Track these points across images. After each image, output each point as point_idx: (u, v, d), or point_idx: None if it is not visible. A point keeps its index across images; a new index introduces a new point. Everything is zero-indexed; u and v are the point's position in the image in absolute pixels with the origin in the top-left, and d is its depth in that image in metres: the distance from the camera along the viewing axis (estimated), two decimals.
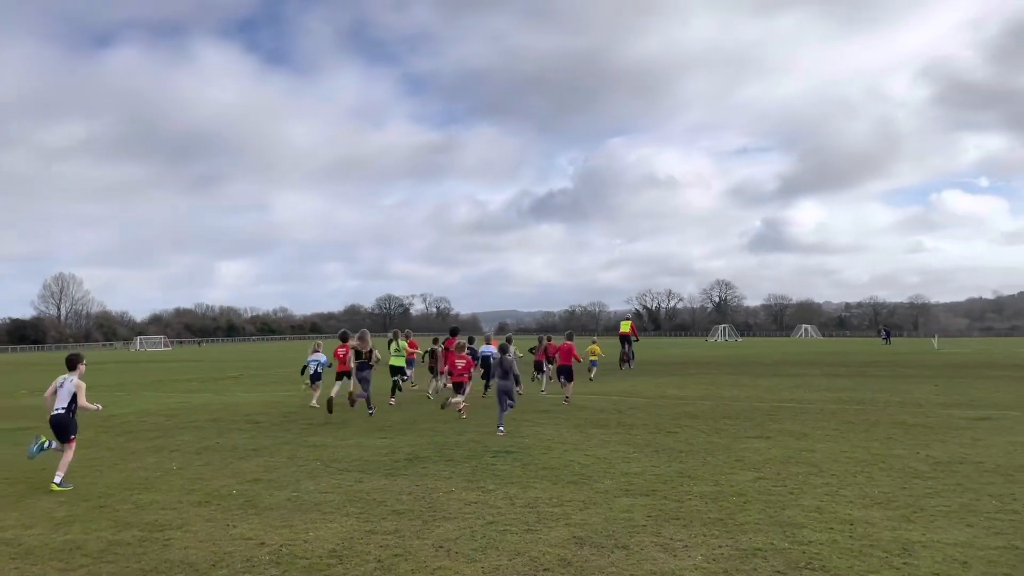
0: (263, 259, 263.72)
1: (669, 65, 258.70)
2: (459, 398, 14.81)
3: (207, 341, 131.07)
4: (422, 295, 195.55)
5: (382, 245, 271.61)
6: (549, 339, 20.77)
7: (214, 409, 17.30)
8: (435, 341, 20.31)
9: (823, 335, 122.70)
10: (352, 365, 15.86)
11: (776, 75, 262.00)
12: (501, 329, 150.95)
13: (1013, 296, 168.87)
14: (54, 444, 9.08)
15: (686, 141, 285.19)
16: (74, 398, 9.07)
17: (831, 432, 12.34)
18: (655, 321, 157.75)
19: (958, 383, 22.07)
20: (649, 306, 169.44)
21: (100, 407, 9.70)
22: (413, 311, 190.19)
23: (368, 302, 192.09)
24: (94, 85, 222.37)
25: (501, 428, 12.68)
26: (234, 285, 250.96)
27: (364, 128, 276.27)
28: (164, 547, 6.37)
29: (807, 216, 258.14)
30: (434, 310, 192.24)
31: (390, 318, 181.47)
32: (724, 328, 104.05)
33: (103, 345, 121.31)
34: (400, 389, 18.61)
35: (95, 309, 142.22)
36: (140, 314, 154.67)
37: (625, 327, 32.22)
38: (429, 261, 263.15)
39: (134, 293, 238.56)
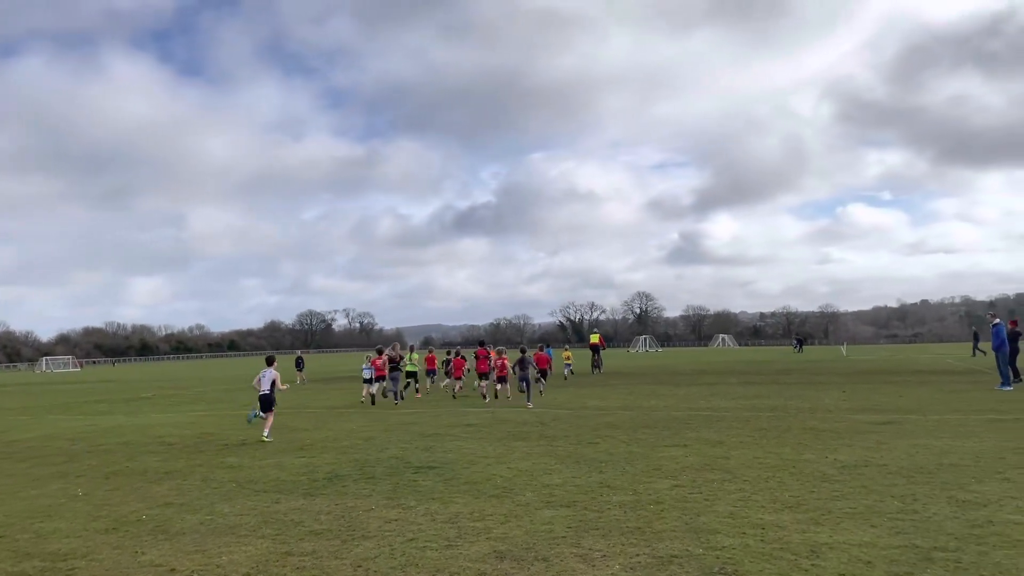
0: (178, 275, 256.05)
1: (588, 82, 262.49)
2: (502, 387, 21.76)
3: (120, 361, 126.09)
4: (344, 310, 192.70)
5: (303, 260, 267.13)
6: (538, 349, 26.51)
7: (125, 432, 16.66)
8: (448, 352, 27.09)
9: (739, 344, 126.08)
10: (386, 370, 21.58)
11: (690, 93, 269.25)
12: (425, 343, 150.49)
13: (915, 305, 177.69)
14: (261, 413, 14.61)
15: (606, 156, 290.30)
16: (274, 383, 14.78)
17: (745, 439, 12.70)
18: (578, 333, 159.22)
19: (864, 389, 23.00)
20: (572, 318, 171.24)
21: (288, 387, 15.81)
22: (336, 327, 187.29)
23: (288, 318, 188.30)
24: None
25: (529, 403, 19.48)
26: (147, 303, 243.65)
27: (283, 141, 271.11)
28: None
29: (722, 229, 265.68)
30: (357, 325, 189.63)
31: (311, 334, 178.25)
32: (645, 339, 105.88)
33: (6, 367, 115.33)
34: (417, 390, 23.94)
35: None
36: (46, 334, 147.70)
37: (595, 339, 39.17)
38: (351, 276, 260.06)
39: (39, 312, 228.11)
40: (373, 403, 21.31)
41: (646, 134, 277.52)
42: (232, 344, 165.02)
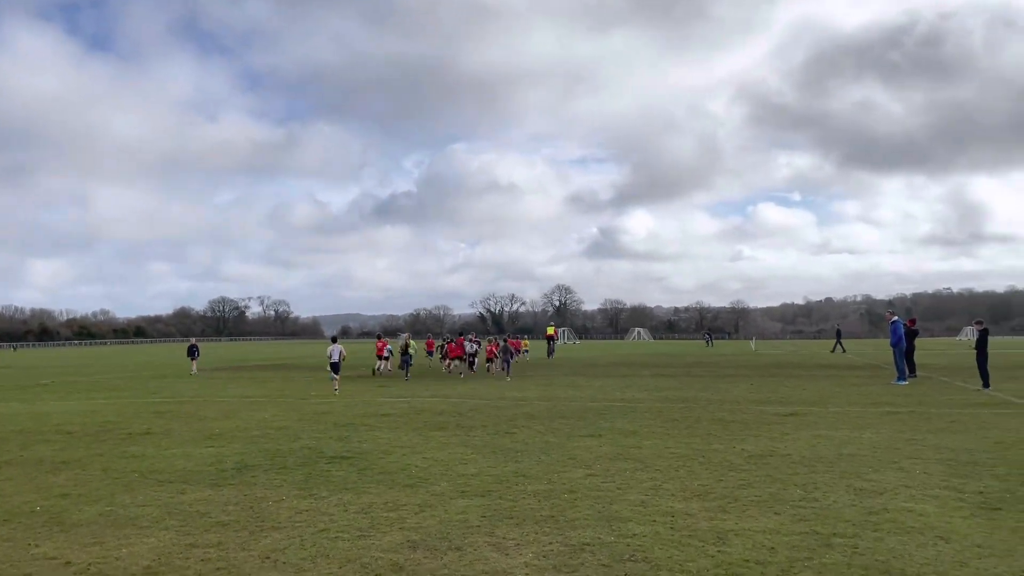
0: (81, 258, 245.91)
1: (510, 75, 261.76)
2: (491, 365, 29.25)
3: (20, 346, 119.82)
4: (259, 297, 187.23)
5: (215, 245, 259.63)
6: (511, 337, 33.20)
7: (19, 419, 15.84)
8: (443, 339, 34.40)
9: (654, 338, 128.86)
10: (396, 351, 28.86)
11: (609, 91, 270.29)
12: (344, 333, 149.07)
13: (820, 302, 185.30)
14: (334, 376, 20.80)
15: (528, 149, 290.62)
16: (341, 354, 20.76)
17: (657, 429, 12.97)
18: (498, 324, 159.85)
19: (770, 382, 23.81)
20: (493, 310, 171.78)
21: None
22: (249, 314, 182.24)
23: (200, 305, 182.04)
24: None
25: (508, 377, 26.06)
26: (48, 286, 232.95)
27: (197, 121, 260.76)
28: None
29: (639, 225, 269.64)
30: (272, 313, 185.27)
31: (224, 322, 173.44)
32: (563, 331, 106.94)
33: None
34: (406, 370, 27.59)
35: None
36: None
37: (550, 330, 49.52)
38: (267, 262, 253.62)
39: None
40: (379, 375, 28.73)
41: (567, 129, 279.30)
42: (139, 331, 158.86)
